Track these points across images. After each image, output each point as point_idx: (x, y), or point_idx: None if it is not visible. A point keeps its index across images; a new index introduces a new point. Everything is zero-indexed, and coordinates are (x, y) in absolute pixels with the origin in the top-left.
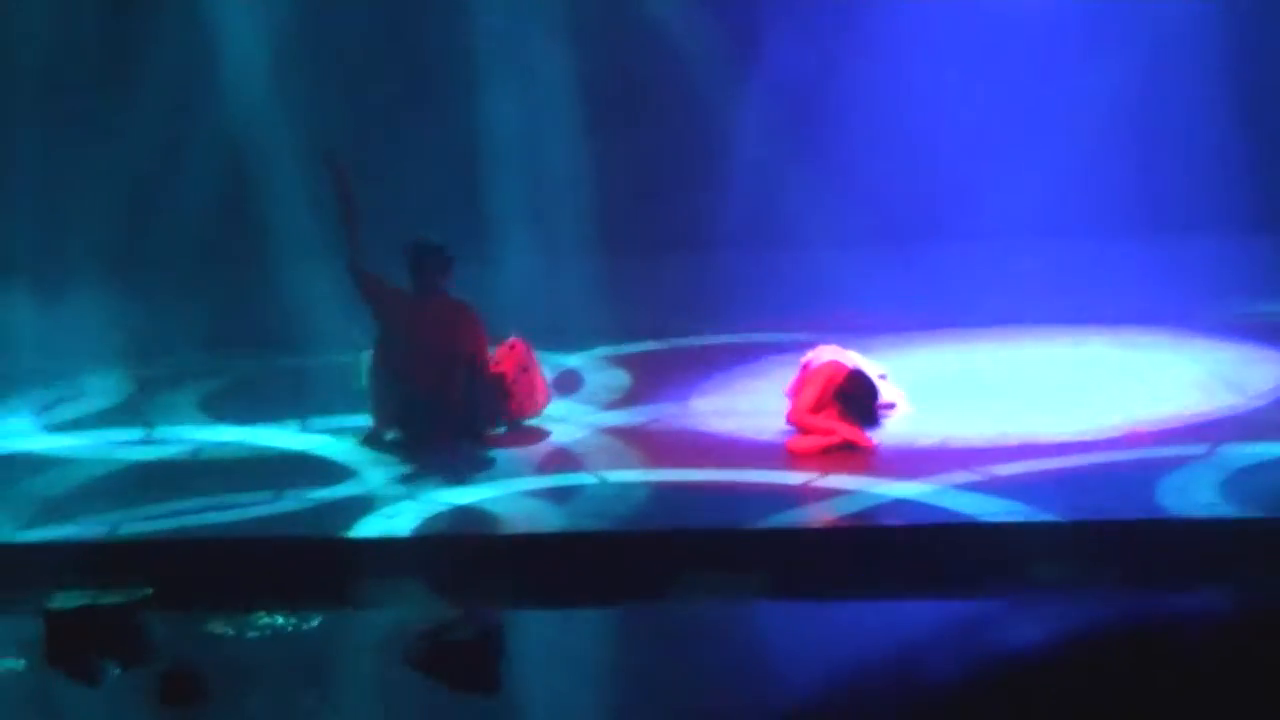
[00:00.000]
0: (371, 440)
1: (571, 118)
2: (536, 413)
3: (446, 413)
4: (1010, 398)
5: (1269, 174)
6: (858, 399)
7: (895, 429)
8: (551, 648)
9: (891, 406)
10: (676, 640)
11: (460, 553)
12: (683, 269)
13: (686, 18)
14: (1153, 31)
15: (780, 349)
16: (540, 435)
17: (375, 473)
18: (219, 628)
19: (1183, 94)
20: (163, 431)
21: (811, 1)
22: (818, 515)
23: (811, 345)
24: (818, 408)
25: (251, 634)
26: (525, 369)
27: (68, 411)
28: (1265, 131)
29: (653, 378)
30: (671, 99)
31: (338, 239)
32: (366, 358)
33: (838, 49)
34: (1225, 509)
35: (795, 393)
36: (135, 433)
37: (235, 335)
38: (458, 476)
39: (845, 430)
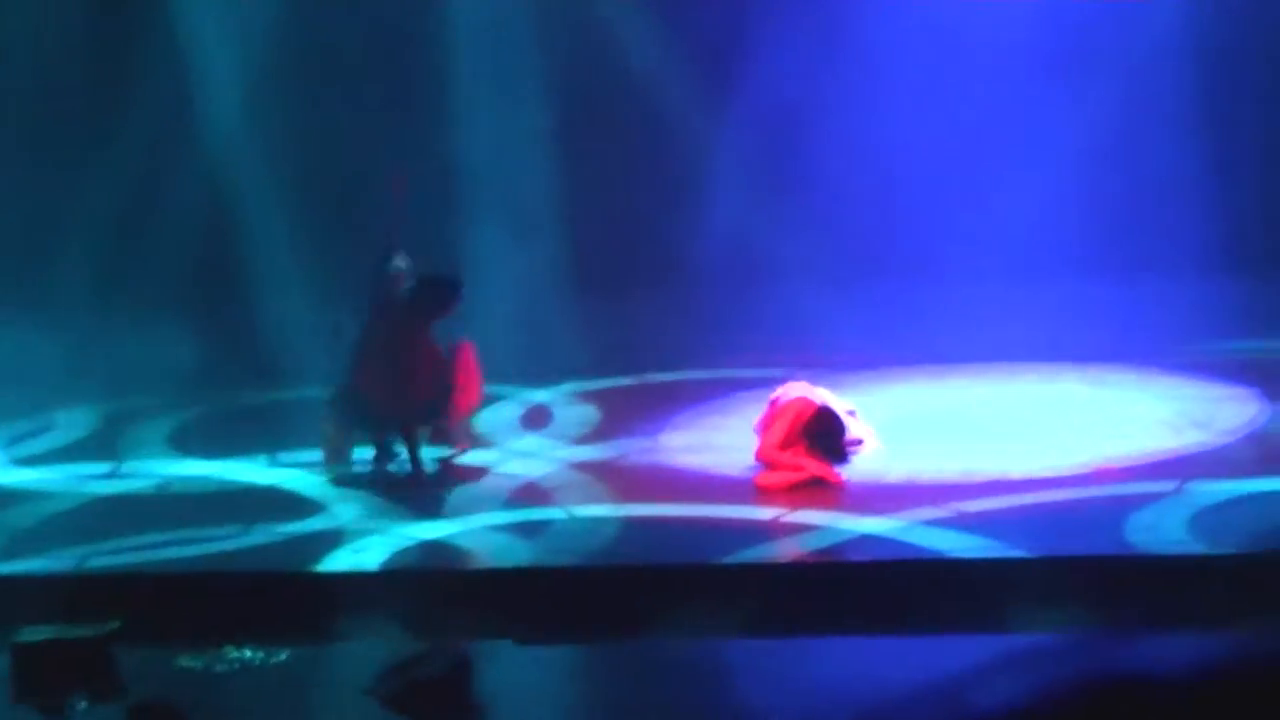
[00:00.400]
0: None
1: (545, 151)
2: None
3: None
4: (979, 434)
5: (1238, 215)
6: (825, 435)
7: (864, 465)
8: (520, 683)
9: (860, 443)
10: (645, 676)
11: (429, 587)
12: (654, 305)
13: (661, 53)
14: (1125, 72)
15: (750, 385)
16: (509, 470)
17: (344, 507)
18: (187, 661)
19: (1153, 135)
20: (131, 465)
21: (787, 38)
22: (786, 551)
23: (782, 381)
24: (786, 444)
25: (220, 667)
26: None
27: (36, 445)
28: (1234, 173)
29: (622, 413)
30: (646, 134)
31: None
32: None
33: (813, 86)
34: (1194, 546)
35: (764, 428)
36: (103, 467)
37: (206, 369)
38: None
39: (813, 466)
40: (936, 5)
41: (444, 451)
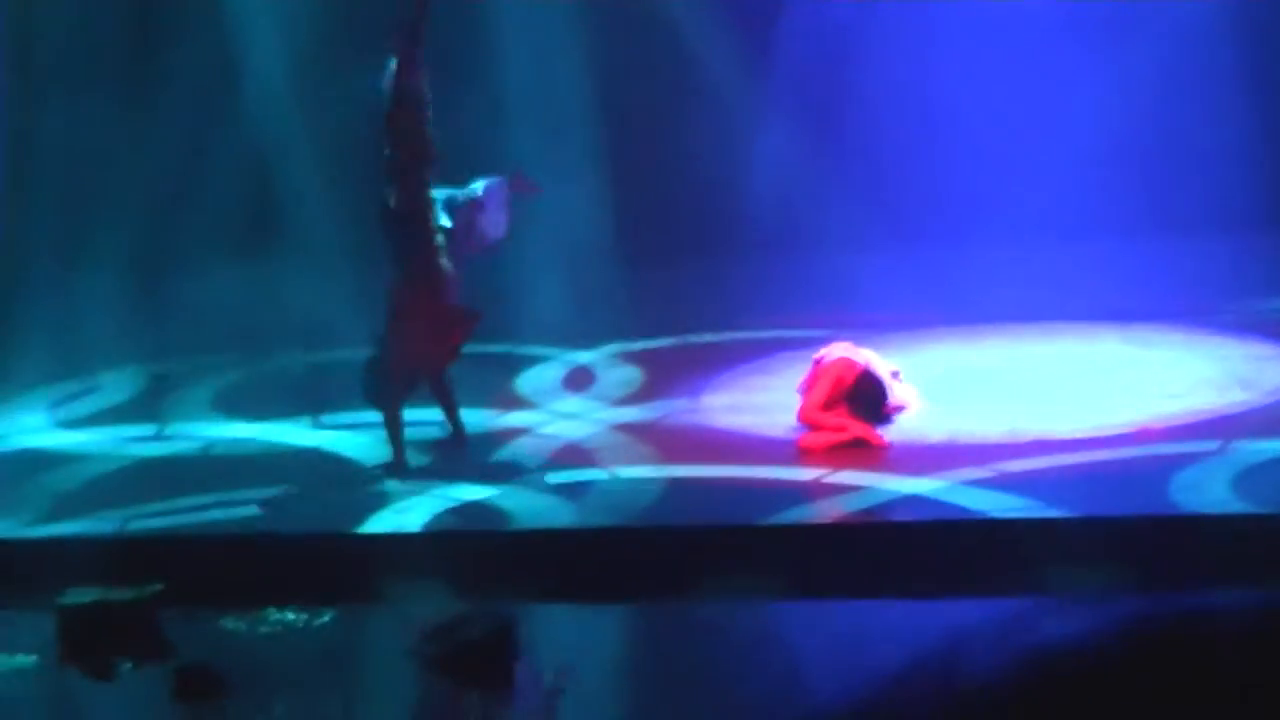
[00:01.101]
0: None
1: (587, 122)
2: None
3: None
4: (1022, 395)
5: None
6: (867, 397)
7: (907, 425)
8: (563, 644)
9: (904, 407)
10: (689, 637)
11: (471, 548)
12: (697, 270)
13: (701, 21)
14: (1166, 29)
15: (793, 346)
16: (552, 431)
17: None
18: (231, 624)
19: (1196, 91)
20: (175, 428)
21: (824, 6)
22: (828, 511)
23: (825, 342)
24: (828, 405)
25: (263, 629)
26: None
27: (81, 407)
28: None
29: (665, 374)
30: (689, 100)
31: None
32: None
33: (852, 53)
34: (1238, 505)
35: (807, 390)
36: (147, 429)
37: (251, 331)
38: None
39: (856, 428)
40: None
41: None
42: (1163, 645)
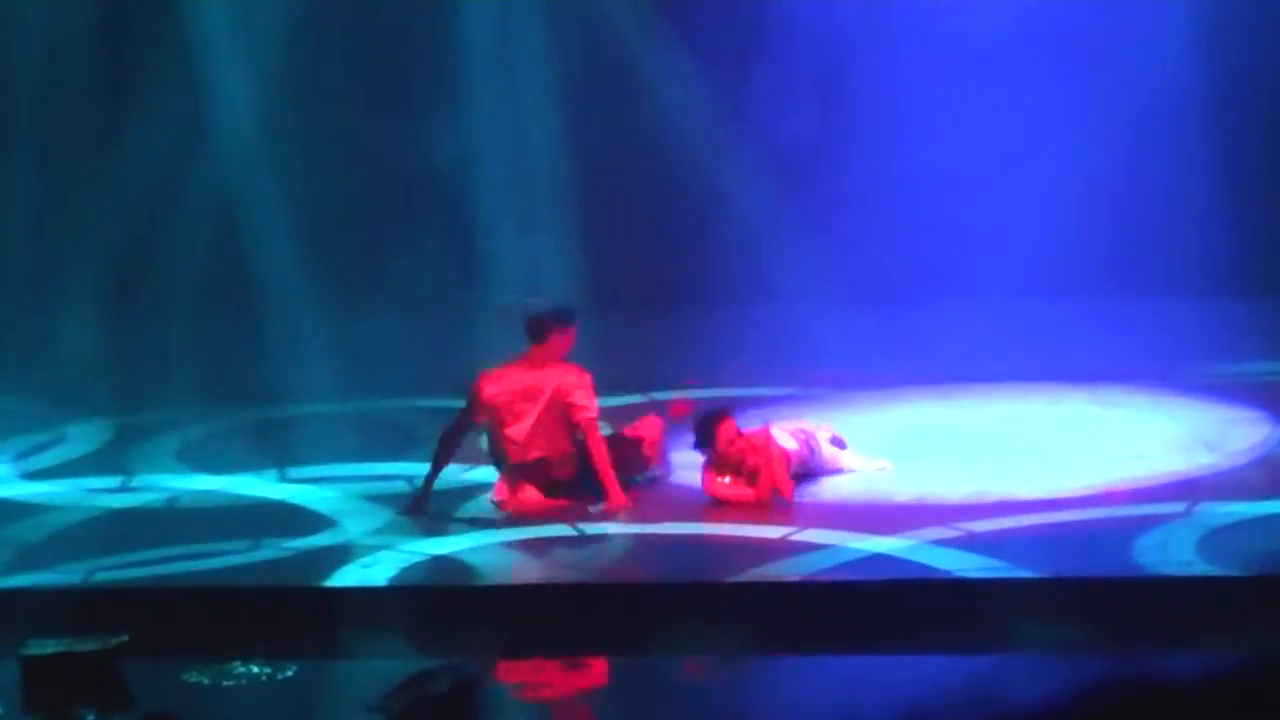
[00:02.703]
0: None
1: (554, 174)
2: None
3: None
4: (989, 455)
5: (1250, 236)
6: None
7: (874, 485)
8: (528, 700)
9: (841, 471)
10: (654, 693)
11: (437, 603)
12: (666, 324)
13: (674, 74)
14: (1137, 92)
15: (761, 404)
16: None
17: (354, 522)
18: (194, 676)
19: (1164, 159)
20: (141, 479)
21: (796, 61)
22: (794, 569)
23: (792, 400)
24: (719, 472)
25: (227, 683)
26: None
27: (46, 458)
28: (1246, 194)
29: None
30: (658, 156)
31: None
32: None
33: (828, 112)
34: (1203, 567)
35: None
36: (113, 480)
37: (217, 386)
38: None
39: (759, 488)
40: (945, 29)
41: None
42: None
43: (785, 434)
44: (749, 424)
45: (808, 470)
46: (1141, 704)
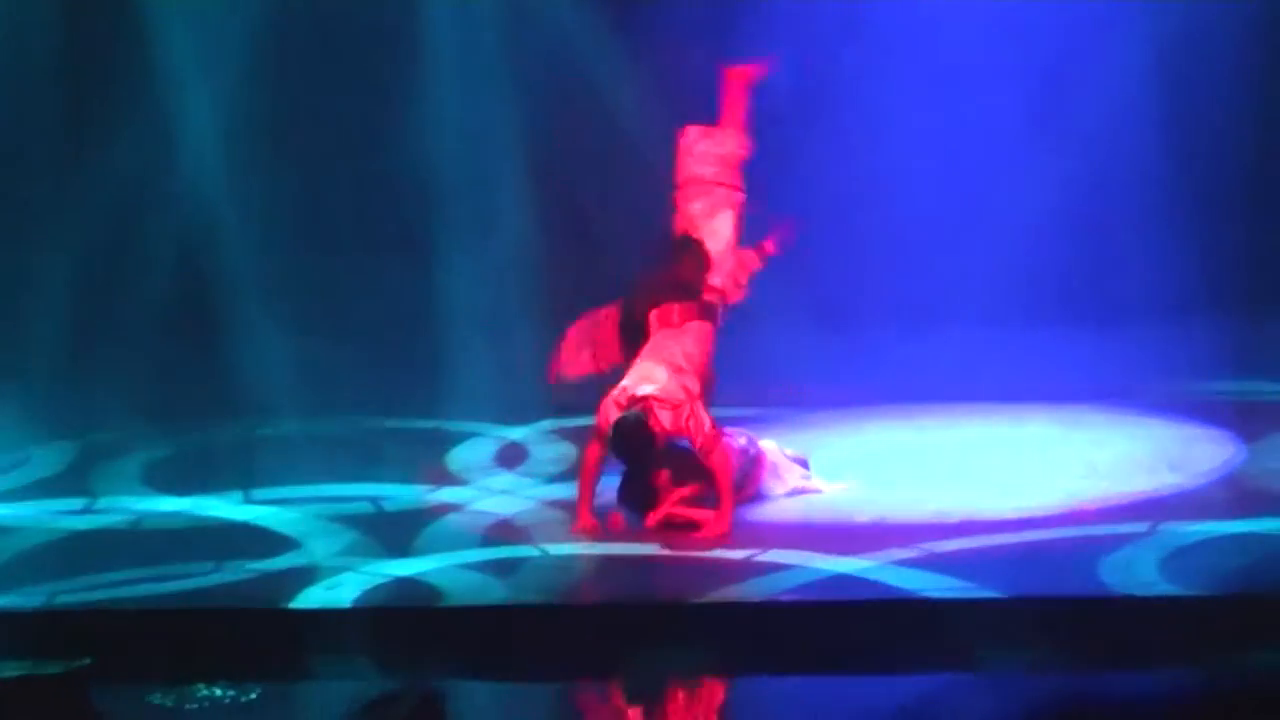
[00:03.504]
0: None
1: (521, 195)
2: None
3: None
4: (951, 475)
5: (1212, 256)
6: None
7: (837, 505)
8: None
9: (805, 491)
10: (619, 715)
11: (401, 624)
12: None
13: (636, 92)
14: (1099, 114)
15: (723, 424)
16: (483, 507)
17: (318, 543)
18: (158, 699)
19: (1122, 177)
20: (105, 501)
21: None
22: (758, 590)
23: (756, 421)
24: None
25: (190, 705)
26: None
27: (9, 480)
28: (1206, 214)
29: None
30: (621, 172)
31: None
32: None
33: (794, 133)
34: (1166, 587)
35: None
36: (77, 502)
37: (183, 407)
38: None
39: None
40: (908, 51)
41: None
42: None
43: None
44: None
45: (753, 483)
46: None
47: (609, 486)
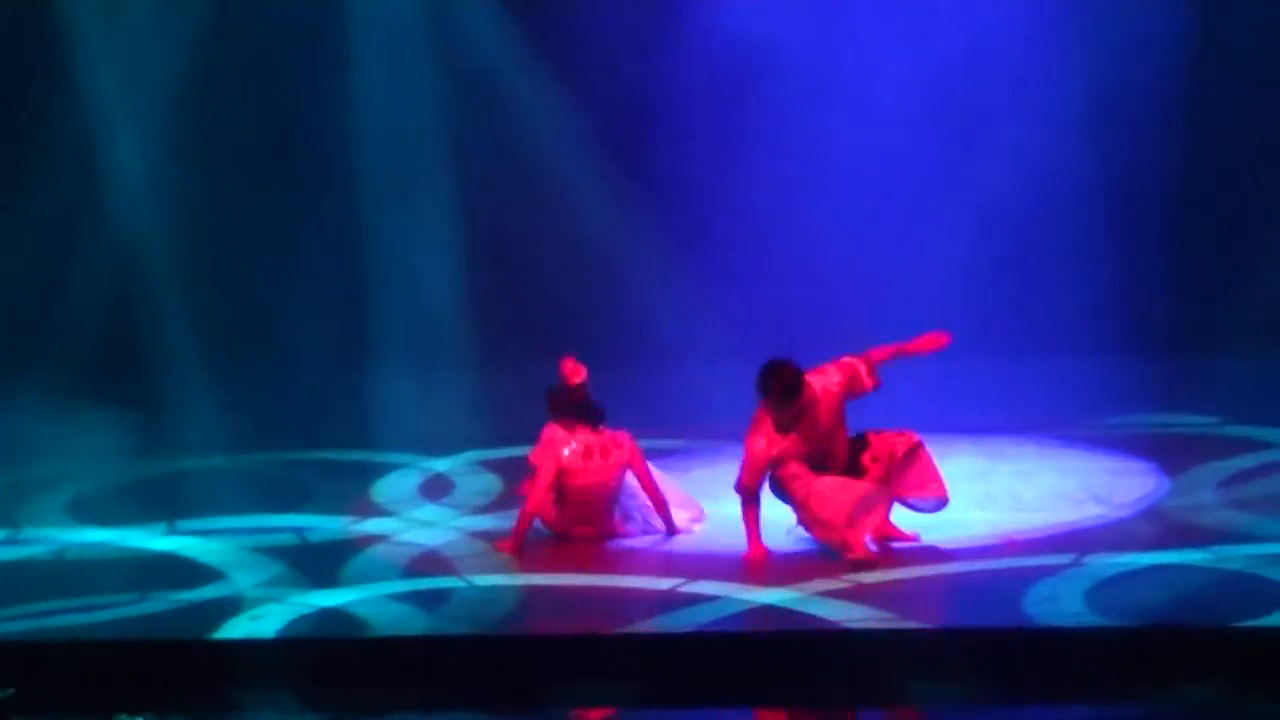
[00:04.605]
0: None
1: (447, 231)
2: None
3: None
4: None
5: (1132, 291)
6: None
7: (765, 537)
8: None
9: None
10: None
11: (326, 655)
12: (555, 378)
13: (566, 125)
14: (1023, 149)
15: (649, 456)
16: (409, 539)
17: (243, 575)
18: None
19: (1049, 212)
20: (29, 532)
21: (691, 112)
22: (683, 621)
23: (680, 453)
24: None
25: None
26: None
27: None
28: (1133, 256)
29: (523, 482)
30: (549, 208)
31: None
32: None
33: (721, 158)
34: (1091, 618)
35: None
36: (0, 533)
37: (108, 441)
38: None
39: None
40: (835, 78)
41: None
42: None
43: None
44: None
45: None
46: None
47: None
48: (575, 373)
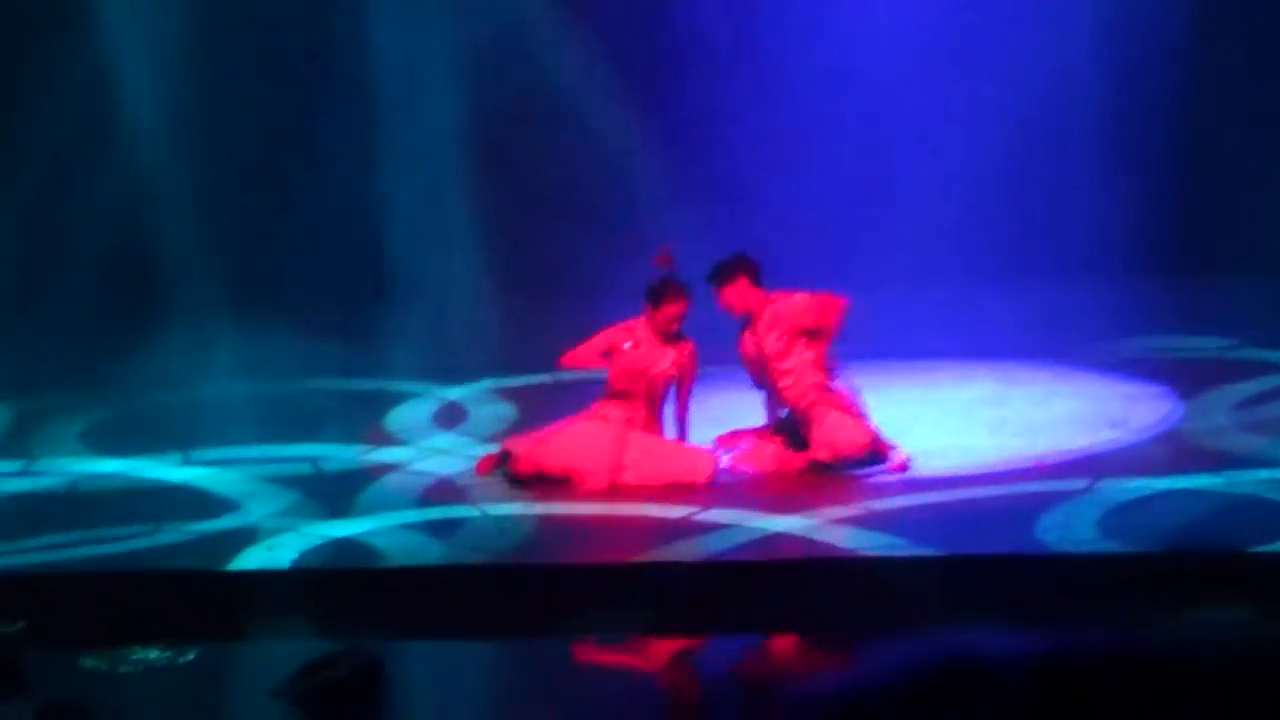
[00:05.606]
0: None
1: (458, 160)
2: None
3: None
4: (892, 433)
5: (1151, 215)
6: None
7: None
8: (433, 682)
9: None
10: (558, 674)
11: (340, 585)
12: (570, 306)
13: (573, 64)
14: (1035, 74)
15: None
16: (423, 468)
17: (257, 505)
18: (91, 662)
19: (1062, 137)
20: (42, 463)
21: (689, 54)
22: (698, 549)
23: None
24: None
25: (124, 668)
26: None
27: None
28: (1144, 174)
29: (538, 410)
30: (555, 140)
31: None
32: None
33: (722, 86)
34: (1105, 544)
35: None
36: (13, 464)
37: (121, 370)
38: None
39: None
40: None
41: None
42: (1028, 680)
43: None
44: None
45: None
46: (1037, 684)
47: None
48: (663, 260)
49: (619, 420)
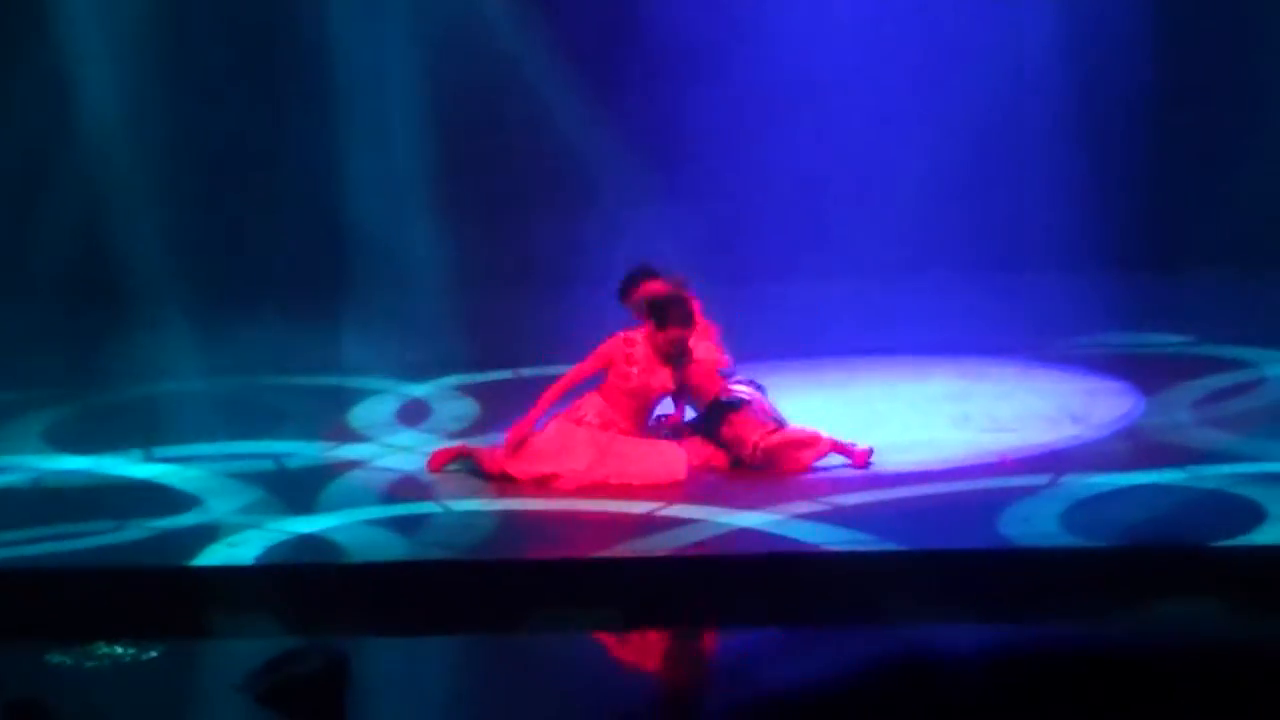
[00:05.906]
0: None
1: (426, 153)
2: None
3: None
4: (855, 429)
5: (1114, 212)
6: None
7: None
8: (397, 679)
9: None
10: (521, 670)
11: (304, 581)
12: (534, 302)
13: (543, 53)
14: (1002, 70)
15: None
16: (386, 464)
17: (220, 501)
18: (57, 658)
19: (1028, 132)
20: (4, 460)
21: (662, 45)
22: (662, 544)
23: None
24: None
25: (90, 664)
26: None
27: None
28: (1108, 171)
29: (501, 408)
30: (527, 130)
31: None
32: None
33: (688, 86)
34: (1067, 539)
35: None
36: None
37: (84, 367)
38: None
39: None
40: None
41: None
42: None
43: None
44: None
45: None
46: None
47: None
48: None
49: (595, 422)
